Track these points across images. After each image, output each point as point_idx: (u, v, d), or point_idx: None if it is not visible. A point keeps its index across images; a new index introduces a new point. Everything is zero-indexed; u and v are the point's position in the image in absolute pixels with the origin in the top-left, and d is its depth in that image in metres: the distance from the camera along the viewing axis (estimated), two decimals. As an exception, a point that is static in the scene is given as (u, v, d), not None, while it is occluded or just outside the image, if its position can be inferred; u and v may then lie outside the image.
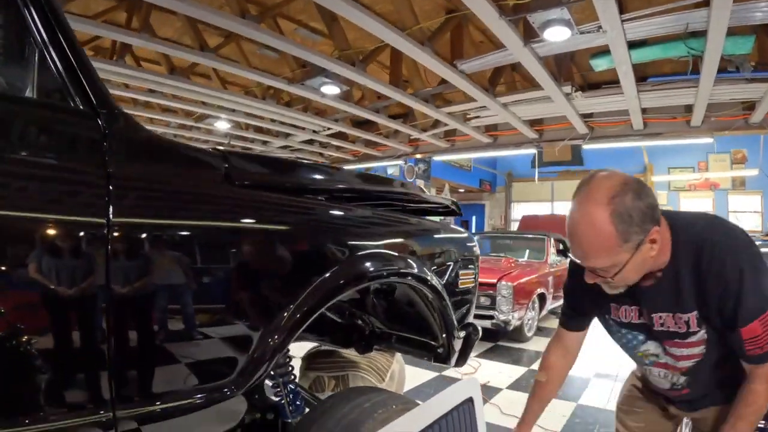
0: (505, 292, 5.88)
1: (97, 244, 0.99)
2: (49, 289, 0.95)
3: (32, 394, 0.95)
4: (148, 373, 1.13)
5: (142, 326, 1.11)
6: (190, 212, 1.19)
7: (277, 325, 1.32)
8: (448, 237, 2.27)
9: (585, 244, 1.26)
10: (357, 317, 2.43)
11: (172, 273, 1.15)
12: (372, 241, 1.73)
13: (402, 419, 1.70)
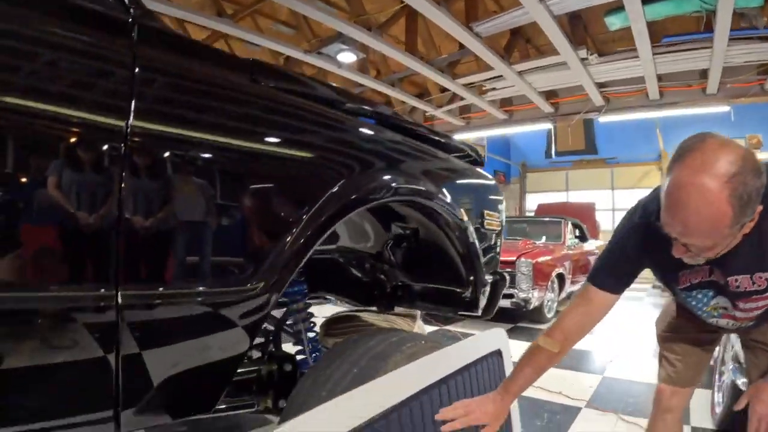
0: (524, 269, 5.81)
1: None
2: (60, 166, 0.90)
3: (36, 264, 0.90)
4: (159, 258, 1.07)
5: (156, 210, 1.05)
6: (218, 104, 1.16)
7: (299, 225, 1.26)
8: (474, 176, 2.21)
9: (692, 222, 1.11)
10: (379, 271, 2.34)
11: (196, 160, 1.11)
12: (399, 158, 1.71)
13: (431, 357, 1.63)
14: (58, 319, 0.93)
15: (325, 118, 1.45)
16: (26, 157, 0.87)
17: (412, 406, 1.46)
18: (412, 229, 2.13)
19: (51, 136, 0.90)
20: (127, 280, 0.97)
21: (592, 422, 3.13)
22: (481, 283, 2.07)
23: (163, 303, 1.05)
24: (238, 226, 1.20)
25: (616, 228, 1.55)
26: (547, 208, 12.05)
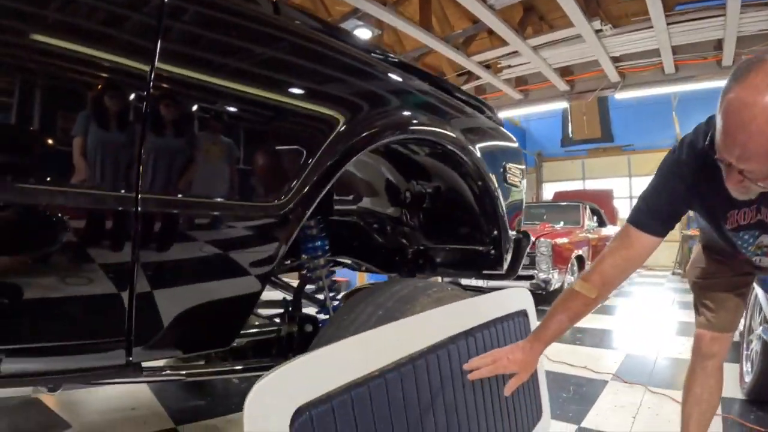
0: (544, 249, 5.77)
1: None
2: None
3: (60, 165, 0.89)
4: (182, 165, 1.04)
5: (181, 120, 1.04)
6: (243, 31, 1.16)
7: (326, 146, 1.26)
8: (497, 132, 2.17)
9: (752, 144, 1.03)
10: (400, 234, 2.30)
11: (223, 78, 1.10)
12: (425, 100, 1.72)
13: (459, 305, 1.58)
14: (77, 218, 0.91)
15: (354, 57, 1.45)
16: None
17: (440, 353, 1.41)
18: (434, 186, 2.09)
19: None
20: (148, 184, 0.96)
21: (620, 394, 3.06)
22: (505, 239, 2.02)
23: (183, 211, 1.02)
24: (263, 142, 1.19)
25: (659, 167, 1.48)
26: (564, 195, 11.91)
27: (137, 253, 0.98)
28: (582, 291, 1.48)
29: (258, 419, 0.91)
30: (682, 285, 9.08)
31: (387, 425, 1.18)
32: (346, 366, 1.11)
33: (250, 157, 1.16)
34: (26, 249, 0.89)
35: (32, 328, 0.92)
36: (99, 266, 0.95)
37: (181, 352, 1.14)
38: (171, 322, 1.06)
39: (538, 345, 1.53)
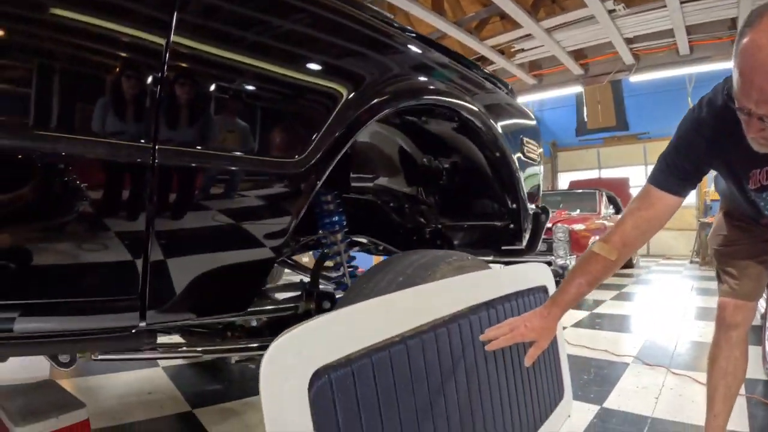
0: (561, 235, 5.72)
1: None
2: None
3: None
4: (199, 118, 1.02)
5: (199, 75, 1.02)
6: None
7: (343, 106, 1.23)
8: (515, 108, 2.13)
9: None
10: (418, 213, 2.27)
11: (243, 32, 1.10)
12: (443, 71, 1.70)
13: (479, 274, 1.55)
14: (91, 169, 0.89)
15: (371, 26, 1.44)
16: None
17: (461, 323, 1.38)
18: (451, 162, 2.05)
19: None
20: (165, 135, 0.93)
21: (642, 376, 3.01)
22: (524, 212, 1.97)
23: (200, 164, 0.99)
24: (282, 99, 1.17)
25: (678, 127, 1.44)
26: (579, 184, 11.82)
27: (153, 208, 0.95)
28: (602, 253, 1.41)
29: (275, 381, 0.88)
30: (701, 273, 8.99)
31: (408, 392, 1.15)
32: (366, 329, 1.07)
33: (268, 113, 1.14)
34: (38, 202, 0.86)
35: (44, 284, 0.89)
36: (113, 221, 0.92)
37: (194, 315, 1.10)
38: (185, 283, 1.03)
39: (556, 310, 1.46)
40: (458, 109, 1.66)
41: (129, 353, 1.63)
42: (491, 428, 1.51)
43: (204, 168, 1.02)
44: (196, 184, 1.02)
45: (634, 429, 2.24)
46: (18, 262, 0.86)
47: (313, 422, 0.91)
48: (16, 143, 0.80)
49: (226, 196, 1.06)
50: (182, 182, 1.00)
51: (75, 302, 0.94)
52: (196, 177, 1.01)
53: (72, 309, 0.94)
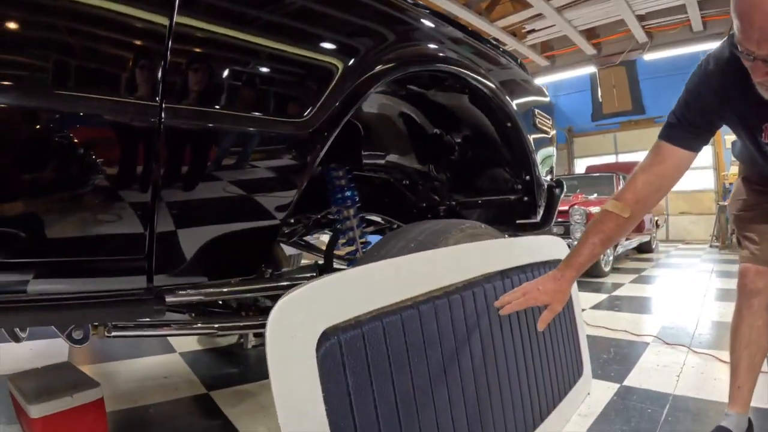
0: (577, 217, 5.65)
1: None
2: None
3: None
4: (206, 77, 1.00)
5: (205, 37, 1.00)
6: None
7: (352, 67, 1.22)
8: (527, 82, 2.09)
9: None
10: (431, 190, 2.24)
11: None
12: (454, 45, 1.66)
13: (494, 242, 1.51)
14: (98, 127, 0.88)
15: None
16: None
17: (475, 291, 1.34)
18: (463, 135, 2.01)
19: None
20: (172, 93, 0.91)
21: (663, 355, 2.95)
22: (538, 184, 1.93)
23: (207, 124, 0.97)
24: (289, 60, 1.14)
25: (686, 84, 1.43)
26: (596, 169, 11.65)
27: (159, 168, 0.93)
28: (615, 210, 1.37)
29: (282, 339, 0.85)
30: (720, 257, 8.86)
31: (421, 358, 1.12)
32: (376, 291, 1.05)
33: (274, 74, 1.12)
34: (42, 161, 0.85)
35: (51, 245, 0.88)
36: (119, 180, 0.91)
37: (201, 278, 1.08)
38: (190, 244, 1.02)
39: (569, 272, 1.40)
40: (467, 78, 1.62)
41: (143, 330, 1.63)
42: (507, 400, 1.48)
43: (211, 128, 0.99)
44: (202, 145, 1.00)
45: (656, 406, 2.20)
46: (25, 223, 0.85)
47: (321, 384, 0.89)
48: (19, 102, 0.79)
49: (232, 157, 1.04)
50: (188, 142, 0.98)
51: (83, 262, 0.93)
52: (202, 137, 0.99)
53: (80, 270, 0.94)
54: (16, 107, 0.78)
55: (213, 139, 1.00)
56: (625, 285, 5.75)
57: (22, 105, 0.79)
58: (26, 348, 3.03)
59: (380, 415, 0.99)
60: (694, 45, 8.74)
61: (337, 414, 0.91)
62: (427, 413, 1.13)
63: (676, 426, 1.93)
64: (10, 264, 0.86)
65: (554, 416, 1.79)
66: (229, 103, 1.02)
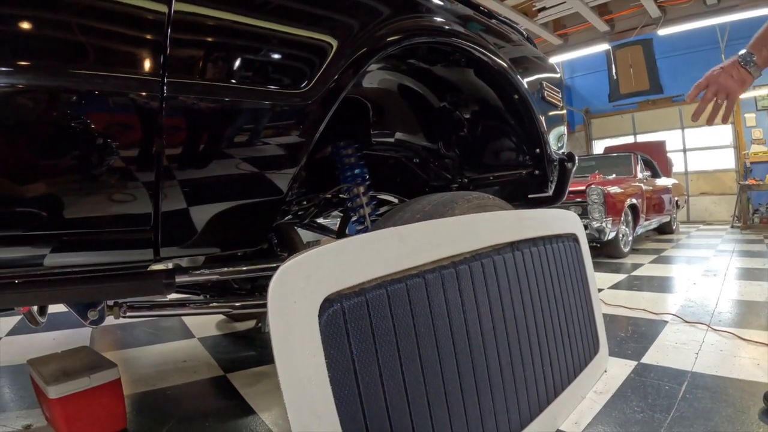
0: (595, 197, 5.56)
1: None
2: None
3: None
4: (208, 49, 1.00)
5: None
6: None
7: (356, 34, 1.21)
8: (537, 56, 2.06)
9: None
10: (443, 168, 2.22)
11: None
12: (463, 21, 1.65)
13: (503, 213, 1.49)
14: (99, 103, 0.87)
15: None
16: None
17: (484, 261, 1.32)
18: (472, 111, 1.99)
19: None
20: (174, 68, 0.91)
21: (682, 333, 2.91)
22: (548, 157, 1.90)
23: (209, 96, 0.96)
24: (286, 30, 1.12)
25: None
26: (614, 149, 11.53)
27: (162, 141, 0.93)
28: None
29: (283, 305, 0.85)
30: (742, 237, 8.71)
31: (427, 327, 1.11)
32: (381, 258, 1.04)
33: (273, 44, 1.10)
34: (48, 135, 0.85)
35: (57, 216, 0.88)
36: (123, 152, 0.91)
37: (206, 250, 1.08)
38: (194, 216, 1.01)
39: (765, 52, 1.34)
40: (472, 50, 1.59)
41: (158, 310, 1.64)
42: (520, 375, 1.47)
43: (213, 101, 0.99)
44: (204, 118, 0.99)
45: (673, 383, 2.16)
46: (29, 198, 0.85)
47: (324, 350, 0.88)
48: (19, 79, 0.79)
49: (234, 130, 1.04)
50: (190, 116, 0.98)
51: (90, 234, 0.94)
52: (204, 111, 0.99)
53: (87, 243, 0.94)
54: (17, 84, 0.78)
55: (215, 113, 1.00)
56: (645, 265, 5.68)
57: (21, 82, 0.79)
58: (49, 338, 3.09)
59: (386, 384, 0.99)
60: (708, 18, 8.55)
61: (341, 381, 0.91)
62: (434, 385, 1.12)
63: (693, 403, 1.90)
64: (14, 238, 0.86)
65: (568, 393, 1.78)
66: (229, 75, 1.02)
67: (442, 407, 1.13)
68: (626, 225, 6.43)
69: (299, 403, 0.83)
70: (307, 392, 0.84)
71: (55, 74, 0.82)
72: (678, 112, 13.70)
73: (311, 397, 0.85)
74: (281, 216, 2.12)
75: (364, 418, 0.94)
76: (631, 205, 6.49)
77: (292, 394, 0.82)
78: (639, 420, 1.81)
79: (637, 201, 6.68)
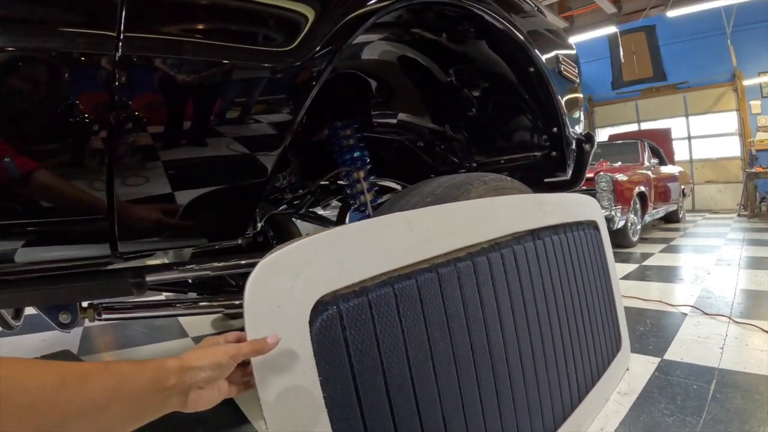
0: (603, 184, 5.38)
1: None
2: None
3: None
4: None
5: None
6: None
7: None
8: (551, 29, 1.89)
9: None
10: (450, 152, 2.04)
11: None
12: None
13: (523, 197, 1.31)
14: (41, 63, 0.71)
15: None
16: None
17: (504, 252, 1.14)
18: (482, 88, 1.81)
19: None
20: (132, 21, 0.74)
21: (703, 326, 2.74)
22: (567, 137, 1.72)
23: (174, 54, 0.78)
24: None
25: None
26: (620, 137, 11.35)
27: (116, 109, 0.74)
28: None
29: (263, 310, 0.66)
30: (750, 225, 8.56)
31: (442, 332, 0.92)
32: (386, 250, 0.85)
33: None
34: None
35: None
36: (67, 129, 0.73)
37: (174, 242, 0.90)
38: (160, 204, 0.83)
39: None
40: (483, 14, 1.41)
41: (138, 311, 1.48)
42: (543, 379, 1.29)
43: (179, 62, 0.80)
44: (169, 80, 0.81)
45: (702, 381, 2.00)
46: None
47: (317, 365, 0.70)
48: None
49: (204, 95, 0.85)
50: (153, 79, 0.79)
51: (31, 224, 0.75)
52: (169, 73, 0.80)
53: (29, 234, 0.76)
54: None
55: (182, 76, 0.81)
56: (655, 255, 5.52)
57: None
58: (38, 339, 2.94)
59: (394, 403, 0.81)
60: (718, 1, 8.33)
61: (340, 402, 0.73)
62: (451, 399, 0.94)
63: (725, 404, 1.74)
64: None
65: (593, 395, 1.61)
66: (199, 31, 0.83)
67: (459, 425, 0.95)
68: (635, 213, 6.27)
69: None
70: (296, 419, 0.66)
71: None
72: (682, 99, 13.51)
73: (302, 425, 0.67)
74: (275, 206, 1.94)
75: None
76: (639, 193, 6.32)
77: (277, 424, 0.64)
78: (670, 424, 1.64)
79: (645, 189, 6.51)
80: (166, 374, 0.56)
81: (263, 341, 0.63)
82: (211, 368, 0.60)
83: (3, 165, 0.72)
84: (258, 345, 0.63)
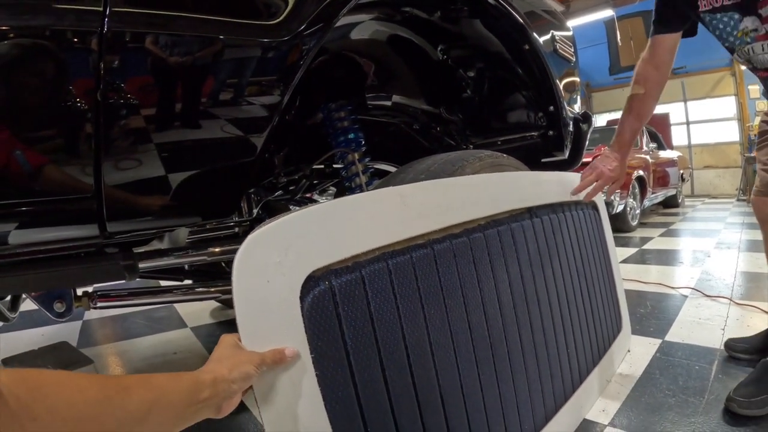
0: (602, 168, 5.33)
1: None
2: None
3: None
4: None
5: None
6: None
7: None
8: (550, 12, 1.83)
9: None
10: (446, 135, 2.01)
11: None
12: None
13: (519, 174, 1.29)
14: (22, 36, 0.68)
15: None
16: None
17: (501, 229, 1.12)
18: (477, 68, 1.78)
19: None
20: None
21: (704, 308, 2.73)
22: (563, 116, 1.70)
23: (160, 29, 0.76)
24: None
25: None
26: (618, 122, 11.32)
27: (102, 88, 0.72)
28: (633, 92, 1.65)
29: (252, 285, 0.64)
30: (749, 210, 8.51)
31: (439, 308, 0.90)
32: (381, 224, 0.82)
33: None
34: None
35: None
36: (53, 107, 0.71)
37: (163, 222, 0.88)
38: (148, 182, 0.81)
39: (623, 148, 1.66)
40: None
41: (134, 298, 1.46)
42: (543, 358, 1.28)
43: (164, 35, 0.78)
44: (155, 56, 0.78)
45: (703, 362, 1.98)
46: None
47: (308, 342, 0.68)
48: None
49: (192, 71, 0.82)
50: (139, 54, 0.77)
51: (16, 204, 0.73)
52: (155, 47, 0.78)
53: (14, 215, 0.73)
54: None
55: (169, 52, 0.78)
56: (654, 239, 5.51)
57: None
58: (38, 334, 2.93)
59: (390, 381, 0.79)
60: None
61: (333, 380, 0.71)
62: (449, 378, 0.92)
63: (727, 384, 1.72)
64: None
65: (594, 377, 1.60)
66: (187, 4, 0.81)
67: (458, 404, 0.93)
68: (633, 198, 6.25)
69: (279, 413, 0.63)
70: (288, 398, 0.64)
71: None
72: (680, 85, 13.47)
73: (294, 403, 0.65)
74: (270, 192, 1.92)
75: (364, 424, 0.74)
76: (638, 177, 6.30)
77: (269, 403, 0.63)
78: (672, 405, 1.63)
79: (644, 173, 6.49)
80: (201, 387, 0.58)
81: (283, 351, 0.66)
82: (241, 380, 0.62)
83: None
84: (278, 355, 0.66)
